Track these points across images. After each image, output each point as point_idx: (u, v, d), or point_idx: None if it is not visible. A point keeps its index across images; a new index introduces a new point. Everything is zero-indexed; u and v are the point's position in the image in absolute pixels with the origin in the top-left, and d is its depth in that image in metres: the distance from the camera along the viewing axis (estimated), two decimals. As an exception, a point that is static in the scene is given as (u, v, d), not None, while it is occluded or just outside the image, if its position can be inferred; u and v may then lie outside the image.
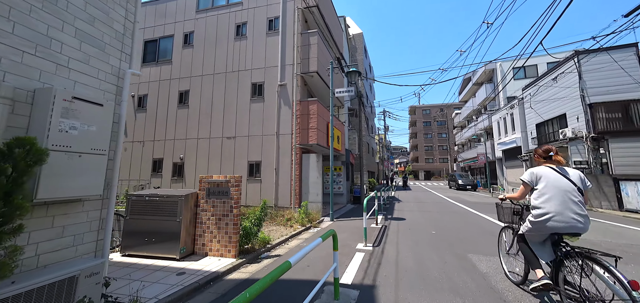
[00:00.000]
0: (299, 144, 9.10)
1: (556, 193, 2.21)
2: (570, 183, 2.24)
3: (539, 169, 2.42)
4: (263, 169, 9.28)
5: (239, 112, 9.81)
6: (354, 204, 12.88)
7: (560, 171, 2.33)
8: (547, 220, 2.18)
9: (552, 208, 2.18)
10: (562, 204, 2.16)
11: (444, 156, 53.86)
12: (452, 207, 10.76)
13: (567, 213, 2.13)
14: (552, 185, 2.26)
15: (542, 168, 2.42)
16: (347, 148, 14.72)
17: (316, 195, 8.70)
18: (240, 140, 9.66)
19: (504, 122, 19.60)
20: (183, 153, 10.15)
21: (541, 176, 2.36)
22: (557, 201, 2.18)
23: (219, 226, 4.15)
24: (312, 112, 9.17)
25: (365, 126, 23.99)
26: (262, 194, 9.13)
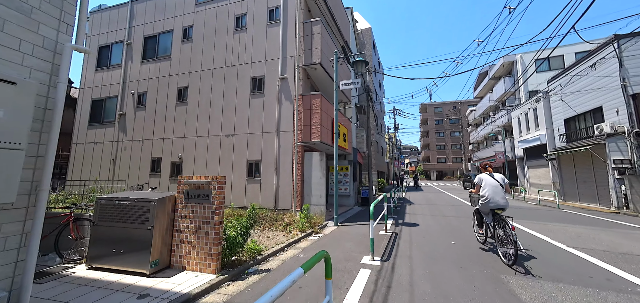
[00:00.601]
0: (301, 142, 8.44)
1: (490, 188, 4.19)
2: (496, 181, 4.25)
3: (482, 175, 4.45)
4: (263, 169, 8.69)
5: (238, 109, 9.27)
6: (361, 206, 12.09)
7: (491, 175, 4.36)
8: (488, 202, 4.16)
9: (489, 196, 4.15)
10: (494, 193, 4.15)
11: (458, 156, 51.70)
12: (471, 211, 9.76)
13: (496, 198, 4.13)
14: (489, 184, 4.25)
15: (483, 175, 4.44)
16: (355, 147, 13.93)
17: (319, 197, 8.02)
18: (239, 138, 9.12)
19: (525, 118, 18.13)
20: (181, 152, 9.74)
21: (483, 179, 4.37)
22: (491, 192, 4.16)
23: (199, 235, 3.54)
24: (315, 107, 8.48)
25: (374, 124, 23.08)
26: (262, 195, 8.55)
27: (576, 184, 12.64)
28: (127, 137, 10.63)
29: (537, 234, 5.92)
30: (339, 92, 10.98)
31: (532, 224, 7.09)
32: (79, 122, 11.49)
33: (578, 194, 12.49)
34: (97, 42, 11.89)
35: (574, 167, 12.87)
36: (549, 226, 6.89)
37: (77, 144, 11.34)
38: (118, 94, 11.04)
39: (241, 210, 8.17)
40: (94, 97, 11.49)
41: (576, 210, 10.12)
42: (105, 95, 11.30)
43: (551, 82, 14.86)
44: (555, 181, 14.38)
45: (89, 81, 11.72)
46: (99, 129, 11.13)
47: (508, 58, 21.36)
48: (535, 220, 7.80)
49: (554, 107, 14.52)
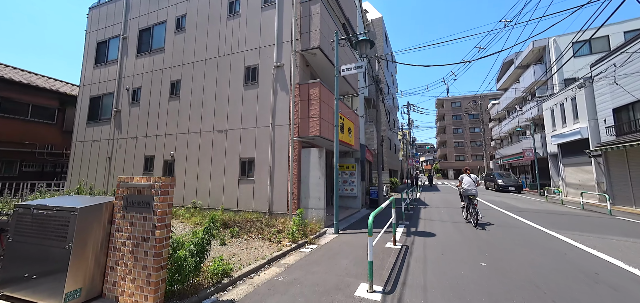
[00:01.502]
0: (298, 136, 7.48)
1: (467, 183, 7.17)
2: (470, 179, 7.21)
3: (463, 175, 7.53)
4: (256, 167, 7.84)
5: (231, 102, 8.49)
6: (370, 208, 10.94)
7: (469, 176, 7.34)
8: (465, 191, 7.15)
9: (466, 187, 7.13)
10: (469, 186, 7.09)
11: (478, 153, 48.42)
12: (500, 218, 8.31)
13: (470, 189, 7.05)
14: (466, 180, 7.24)
15: (464, 175, 7.51)
16: (363, 143, 12.77)
17: (318, 200, 7.02)
18: (232, 134, 8.34)
19: (561, 110, 15.93)
20: (173, 149, 9.15)
21: (463, 178, 7.41)
22: (467, 185, 7.14)
23: (136, 256, 2.69)
24: (313, 97, 7.48)
25: (386, 119, 21.64)
26: (255, 197, 7.70)
27: (631, 185, 10.64)
28: (122, 135, 10.25)
29: (605, 256, 4.40)
30: (342, 81, 9.91)
31: (588, 238, 5.56)
32: (79, 120, 11.32)
33: (634, 197, 10.49)
34: (95, 39, 11.65)
35: (627, 165, 10.84)
36: (613, 241, 5.38)
37: (76, 143, 11.17)
38: (114, 90, 10.69)
39: (232, 214, 7.38)
40: (92, 94, 11.26)
41: (635, 218, 8.32)
42: (103, 92, 11.01)
43: (596, 65, 12.73)
44: (600, 182, 12.33)
45: (87, 78, 11.52)
46: (97, 127, 10.87)
47: (538, 43, 19.03)
48: (588, 231, 6.24)
49: (599, 95, 12.42)
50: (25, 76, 12.01)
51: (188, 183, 8.72)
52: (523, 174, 24.10)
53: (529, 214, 8.78)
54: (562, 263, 4.03)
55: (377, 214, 3.80)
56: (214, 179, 8.35)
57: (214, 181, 8.33)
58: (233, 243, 5.22)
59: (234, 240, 5.40)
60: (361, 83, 12.91)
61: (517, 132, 22.69)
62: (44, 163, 12.04)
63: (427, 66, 9.71)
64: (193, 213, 7.58)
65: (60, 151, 12.28)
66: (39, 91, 11.87)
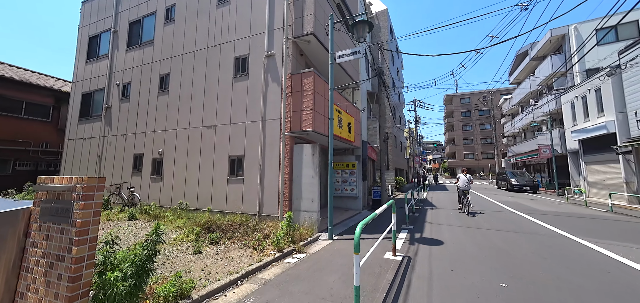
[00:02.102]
0: (290, 131, 6.82)
1: (463, 180, 9.15)
2: (466, 178, 9.18)
3: (460, 174, 9.47)
4: (246, 166, 7.24)
5: (221, 95, 7.91)
6: (372, 209, 10.18)
7: (465, 175, 9.28)
8: (461, 186, 9.14)
9: (462, 184, 9.13)
10: (464, 183, 9.09)
11: (488, 151, 46.56)
12: (518, 221, 7.42)
13: (464, 185, 9.05)
14: (462, 178, 9.19)
15: (460, 174, 9.47)
16: (366, 140, 11.99)
17: (311, 201, 6.34)
18: (221, 130, 7.76)
19: (583, 102, 14.65)
20: (162, 146, 8.66)
21: (460, 176, 9.31)
22: (462, 182, 9.14)
23: (49, 279, 2.09)
24: (306, 87, 6.79)
25: (391, 116, 20.72)
26: (245, 198, 7.10)
27: (666, 185, 9.46)
28: (112, 132, 9.86)
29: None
30: (342, 72, 9.17)
31: (632, 250, 4.63)
32: (71, 118, 11.04)
33: (669, 199, 9.31)
34: (87, 33, 11.32)
35: (662, 163, 9.66)
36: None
37: (69, 141, 10.90)
38: (105, 86, 10.32)
39: (219, 216, 6.80)
40: (84, 90, 10.94)
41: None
42: (94, 88, 10.67)
43: (626, 52, 11.47)
44: (630, 181, 11.13)
45: (80, 75, 11.21)
46: (88, 124, 10.54)
47: (557, 31, 17.65)
48: (629, 240, 5.26)
49: (630, 84, 11.18)
50: (18, 72, 11.83)
51: (176, 182, 8.22)
52: (538, 173, 22.68)
53: (552, 218, 7.83)
54: (590, 274, 3.22)
55: (368, 223, 3.09)
56: (202, 178, 7.81)
57: (202, 181, 7.79)
58: (211, 251, 4.62)
59: (213, 247, 4.80)
60: (363, 75, 12.12)
61: (532, 128, 21.32)
62: (38, 161, 11.85)
63: (434, 55, 8.84)
64: (179, 215, 7.06)
65: (56, 150, 12.07)
66: (33, 88, 11.67)
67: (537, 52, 20.35)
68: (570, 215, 8.51)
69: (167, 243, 4.84)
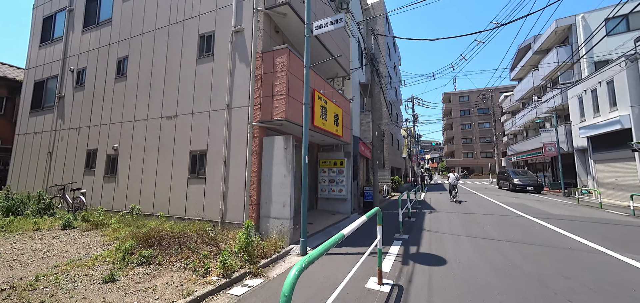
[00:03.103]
0: (260, 121, 5.64)
1: (452, 178, 12.30)
2: (454, 176, 12.34)
3: (449, 174, 12.94)
4: (209, 163, 6.05)
5: (183, 80, 6.71)
6: (364, 212, 9.03)
7: (453, 174, 12.54)
8: (451, 182, 12.26)
9: (451, 180, 12.24)
10: (453, 180, 12.19)
11: (487, 150, 45.67)
12: (532, 229, 6.29)
13: (454, 181, 12.13)
14: (451, 177, 12.39)
15: (449, 174, 12.82)
16: (357, 135, 10.83)
17: (282, 206, 5.16)
18: (182, 121, 6.56)
19: (592, 96, 13.61)
20: (118, 141, 7.44)
21: (450, 175, 12.60)
22: (452, 179, 12.26)
23: None
24: (279, 67, 5.61)
25: (387, 111, 19.59)
26: (207, 202, 5.91)
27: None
28: (64, 125, 8.61)
29: None
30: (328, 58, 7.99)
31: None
32: (22, 109, 9.75)
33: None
34: (42, 13, 10.03)
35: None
36: None
37: (19, 136, 9.61)
38: (59, 72, 9.05)
39: (174, 224, 5.59)
40: (36, 78, 9.65)
41: None
42: (47, 75, 9.39)
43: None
44: (648, 181, 10.08)
45: (33, 60, 9.92)
46: (39, 116, 9.27)
47: (563, 21, 16.62)
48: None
49: (647, 74, 10.13)
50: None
51: (132, 183, 7.00)
52: (540, 173, 21.69)
53: (569, 224, 6.72)
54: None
55: (328, 248, 1.91)
56: (160, 178, 6.60)
57: (160, 181, 6.59)
58: (134, 276, 3.42)
59: (141, 270, 3.60)
60: (355, 64, 10.95)
61: (536, 124, 20.30)
62: (-11, 159, 10.54)
63: (433, 39, 7.71)
64: (127, 222, 5.83)
65: (9, 146, 10.75)
66: (-17, 76, 10.35)
67: (541, 44, 19.33)
68: (589, 219, 7.41)
69: (77, 266, 3.65)
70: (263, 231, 5.26)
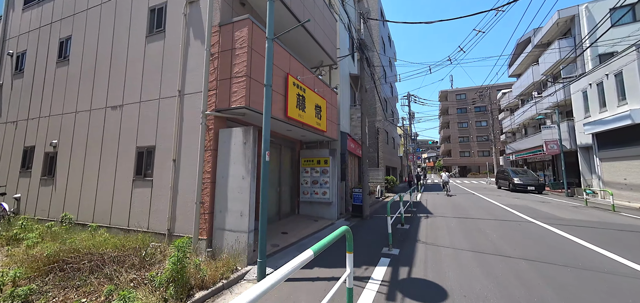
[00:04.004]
0: (216, 109, 4.54)
1: (444, 176, 16.03)
2: (446, 174, 16.18)
3: (442, 173, 17.70)
4: (157, 161, 4.94)
5: (131, 62, 5.58)
6: (351, 218, 7.97)
7: (445, 173, 16.44)
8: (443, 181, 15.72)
9: (444, 178, 15.85)
10: (445, 177, 15.78)
11: (485, 149, 45.07)
12: (548, 239, 5.31)
13: (446, 178, 15.62)
14: (444, 175, 16.20)
15: (442, 172, 17.16)
16: (345, 132, 9.77)
17: (239, 216, 4.07)
18: (128, 111, 5.43)
19: (598, 90, 12.77)
20: (57, 136, 6.27)
21: (442, 174, 16.64)
22: (444, 177, 15.90)
23: None
24: (239, 43, 4.51)
25: (381, 108, 18.59)
26: (153, 209, 4.80)
27: None
28: (1, 118, 7.39)
29: None
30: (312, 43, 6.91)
31: None
32: (-39, 101, 8.48)
33: None
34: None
35: None
36: None
37: (-44, 131, 8.34)
38: (-1, 58, 7.82)
39: (113, 236, 4.47)
40: (-24, 65, 8.39)
41: None
42: (-13, 61, 8.14)
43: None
44: (664, 181, 9.21)
45: (-27, 45, 8.65)
46: (-23, 108, 8.02)
47: (565, 12, 15.78)
48: None
49: (663, 64, 9.25)
50: None
51: (71, 187, 5.84)
52: (540, 172, 20.92)
53: (589, 233, 5.75)
54: None
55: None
56: (102, 180, 5.47)
57: (102, 184, 5.45)
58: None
59: None
60: (343, 51, 9.88)
61: (537, 121, 19.50)
62: None
63: (429, 22, 6.70)
64: (54, 236, 4.69)
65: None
66: None
67: (542, 38, 18.50)
68: (606, 225, 6.46)
69: None
70: (216, 247, 4.17)
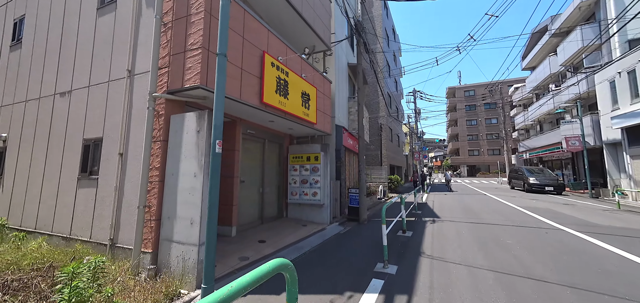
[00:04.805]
0: (167, 91, 3.65)
1: (447, 175, 21.39)
2: (449, 174, 21.98)
3: (446, 172, 23.44)
4: (104, 156, 4.10)
5: (81, 42, 4.77)
6: (346, 222, 6.97)
7: (448, 173, 22.92)
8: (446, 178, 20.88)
9: (447, 177, 21.06)
10: (448, 176, 21.07)
11: (495, 147, 43.13)
12: (590, 253, 4.21)
13: (449, 177, 20.95)
14: (447, 174, 21.52)
15: (446, 172, 23.50)
16: (341, 125, 8.78)
17: (189, 224, 3.16)
18: (77, 98, 4.62)
19: (629, 79, 11.36)
20: (7, 129, 5.53)
21: (446, 173, 22.44)
22: (447, 176, 21.23)
23: None
24: (195, 7, 3.61)
25: (385, 102, 17.49)
26: (97, 215, 3.96)
27: None
28: (-41, 110, 6.74)
29: None
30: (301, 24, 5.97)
31: None
32: None
33: None
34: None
35: None
36: None
37: None
38: (-39, 46, 7.19)
39: (59, 246, 3.65)
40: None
41: None
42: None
43: None
44: None
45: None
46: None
47: (589, -5, 14.30)
48: None
49: None
50: None
51: (18, 187, 5.09)
52: (558, 171, 19.37)
53: (638, 245, 4.61)
54: None
55: None
56: (47, 179, 4.68)
57: (47, 184, 4.67)
58: None
59: None
60: (339, 36, 8.89)
61: (554, 116, 18.01)
62: None
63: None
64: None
65: None
66: None
67: (561, 25, 16.99)
68: None
69: None
70: (162, 263, 3.28)
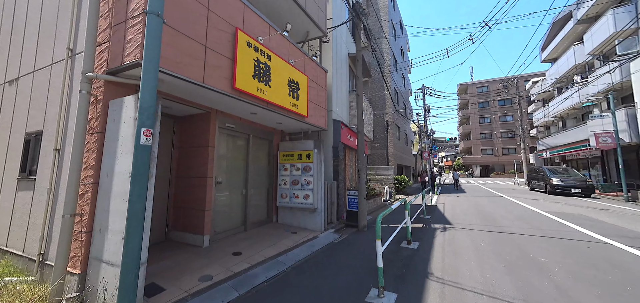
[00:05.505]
0: (107, 71, 2.92)
1: (455, 174, 18.98)
2: (456, 173, 19.22)
3: (453, 172, 20.64)
4: (43, 152, 3.44)
5: (30, 19, 4.16)
6: (343, 229, 6.09)
7: (455, 172, 20.13)
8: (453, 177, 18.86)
9: (454, 176, 18.88)
10: (455, 175, 18.81)
11: (511, 146, 40.87)
12: None
13: (456, 176, 18.54)
14: (455, 174, 19.09)
15: (453, 172, 20.91)
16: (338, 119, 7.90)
17: (120, 238, 2.41)
18: (24, 85, 4.01)
19: (675, 64, 9.84)
20: (-35, 123, 5.02)
21: (453, 173, 19.86)
22: (454, 175, 18.97)
23: None
24: (133, -38, 2.84)
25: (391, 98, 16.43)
26: (32, 221, 3.31)
27: None
28: None
29: None
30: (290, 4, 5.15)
31: None
32: None
33: None
34: None
35: None
36: None
37: None
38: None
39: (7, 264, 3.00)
40: None
41: None
42: None
43: None
44: None
45: None
46: None
47: (623, -27, 12.71)
48: None
49: None
50: None
51: (-30, 185, 4.54)
52: (584, 171, 17.67)
53: None
54: None
55: None
56: (-7, 179, 4.08)
57: (-7, 184, 4.07)
58: None
59: None
60: (337, 20, 8.01)
61: (580, 110, 16.38)
62: None
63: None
64: None
65: None
66: None
67: (588, 11, 15.35)
68: None
69: None
70: (92, 289, 2.55)
